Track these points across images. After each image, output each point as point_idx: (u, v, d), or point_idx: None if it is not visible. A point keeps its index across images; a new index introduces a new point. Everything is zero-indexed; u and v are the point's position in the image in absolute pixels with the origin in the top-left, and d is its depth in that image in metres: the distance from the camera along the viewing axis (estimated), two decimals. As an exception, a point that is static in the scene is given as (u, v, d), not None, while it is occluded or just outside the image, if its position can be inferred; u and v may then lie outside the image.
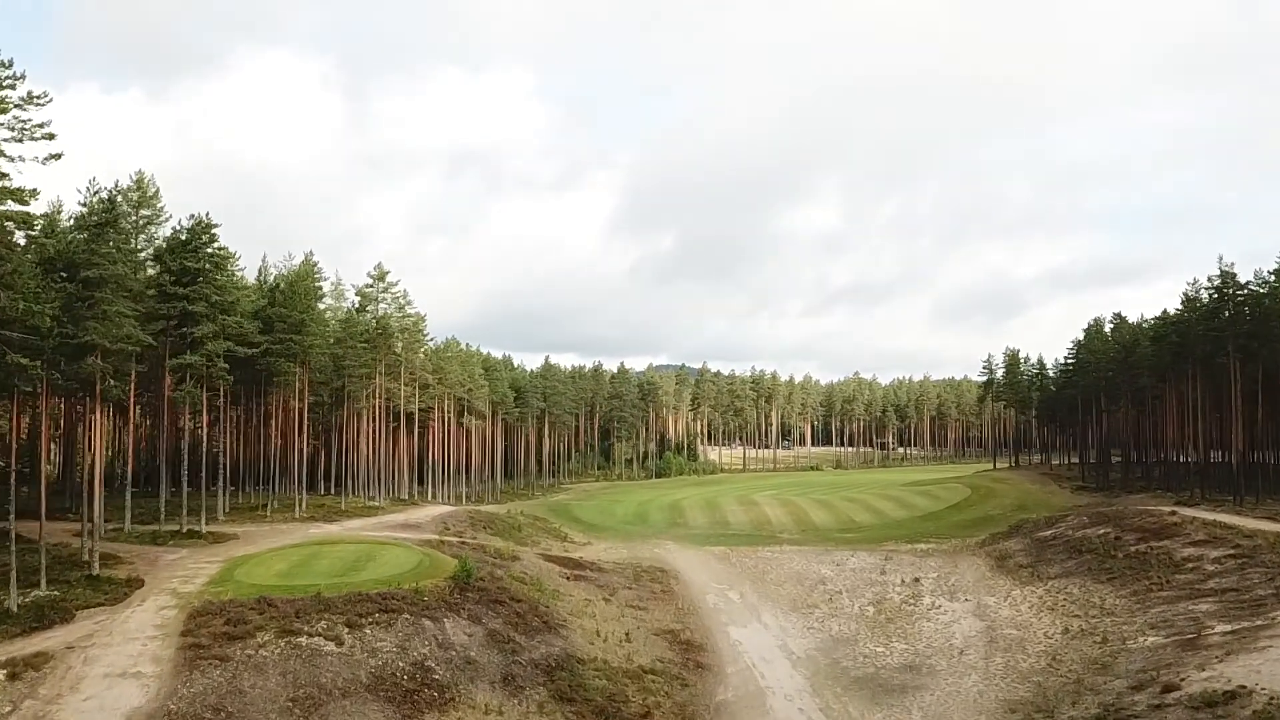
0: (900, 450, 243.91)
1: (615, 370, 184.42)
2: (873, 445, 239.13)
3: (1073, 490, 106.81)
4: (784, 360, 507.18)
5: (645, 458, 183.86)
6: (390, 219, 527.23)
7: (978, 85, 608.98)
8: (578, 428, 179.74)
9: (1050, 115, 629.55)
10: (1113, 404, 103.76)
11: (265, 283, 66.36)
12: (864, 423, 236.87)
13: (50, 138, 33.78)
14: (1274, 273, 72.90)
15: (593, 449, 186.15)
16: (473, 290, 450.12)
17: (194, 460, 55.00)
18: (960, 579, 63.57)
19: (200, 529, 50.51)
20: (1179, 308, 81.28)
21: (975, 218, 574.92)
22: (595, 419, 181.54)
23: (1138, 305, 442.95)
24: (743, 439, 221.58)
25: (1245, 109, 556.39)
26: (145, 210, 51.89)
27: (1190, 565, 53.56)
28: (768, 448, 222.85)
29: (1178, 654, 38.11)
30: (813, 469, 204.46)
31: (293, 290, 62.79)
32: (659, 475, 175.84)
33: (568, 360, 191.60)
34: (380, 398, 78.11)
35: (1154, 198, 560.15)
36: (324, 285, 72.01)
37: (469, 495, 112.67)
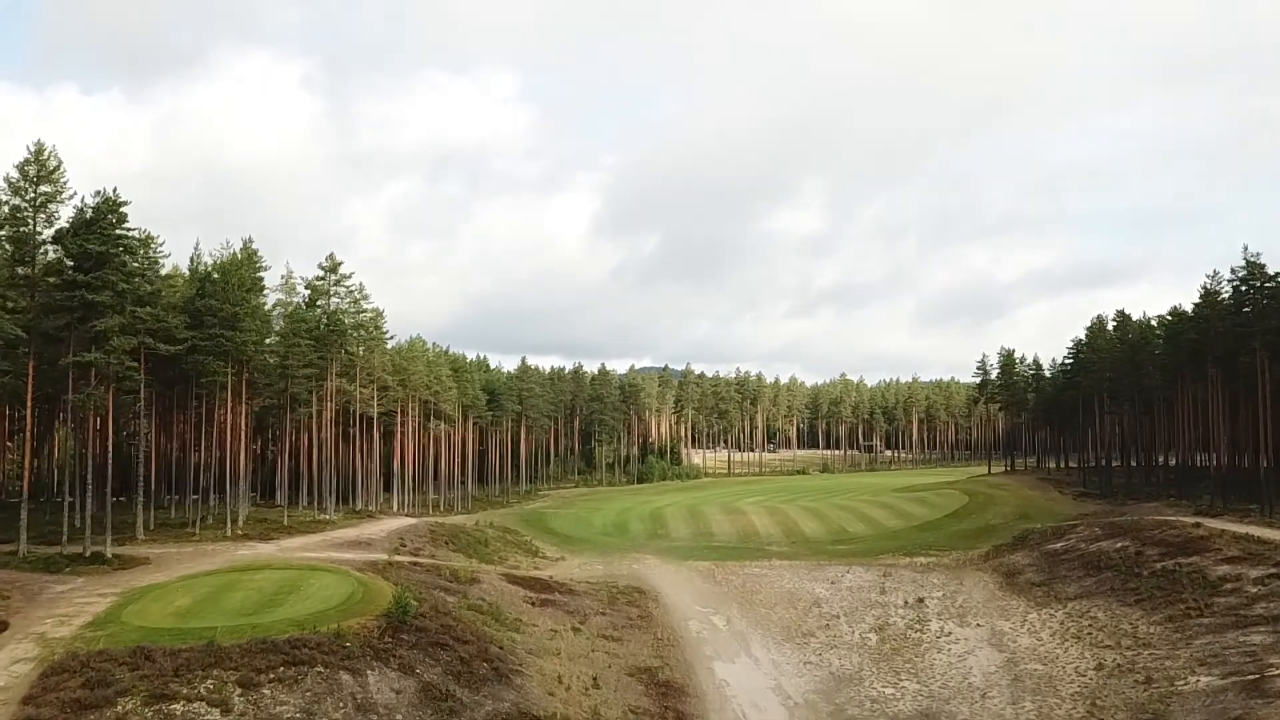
0: (888, 453, 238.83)
1: (596, 372, 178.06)
2: (860, 448, 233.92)
3: (1075, 497, 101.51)
4: (768, 362, 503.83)
5: (627, 462, 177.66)
6: (374, 221, 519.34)
7: (962, 88, 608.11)
8: (557, 431, 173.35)
9: (1033, 118, 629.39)
10: (1117, 406, 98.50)
11: (199, 272, 59.51)
12: (851, 425, 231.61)
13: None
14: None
15: (573, 453, 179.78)
16: (456, 293, 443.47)
17: (100, 470, 48.36)
18: (968, 599, 57.76)
19: (106, 552, 43.93)
20: (1196, 302, 75.94)
21: (959, 220, 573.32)
22: (576, 422, 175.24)
23: (1119, 306, 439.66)
24: (727, 442, 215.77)
25: (1226, 112, 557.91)
26: (45, 186, 45.23)
27: (1229, 586, 47.88)
28: (753, 451, 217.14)
29: (1244, 701, 32.33)
30: (799, 473, 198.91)
31: (225, 280, 56.09)
32: (641, 480, 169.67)
33: (552, 363, 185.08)
34: (332, 400, 71.56)
35: (1135, 200, 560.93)
36: (266, 276, 65.43)
37: (440, 504, 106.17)
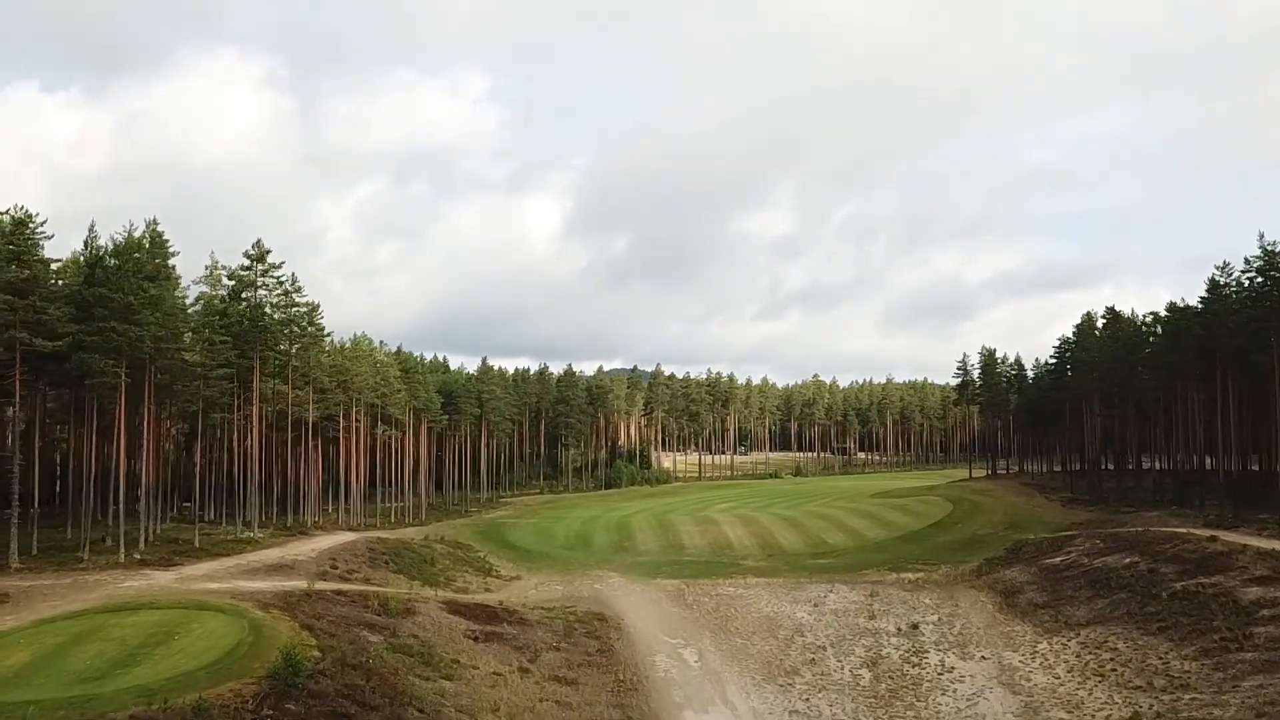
0: (861, 455, 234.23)
1: (561, 373, 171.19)
2: (833, 450, 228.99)
3: (1064, 504, 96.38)
4: (738, 364, 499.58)
5: (595, 466, 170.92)
6: (342, 221, 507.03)
7: (930, 91, 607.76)
8: (522, 436, 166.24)
9: (1001, 121, 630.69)
10: (1109, 408, 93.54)
11: (95, 257, 52.02)
12: (824, 427, 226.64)
13: None
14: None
15: (539, 458, 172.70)
16: (425, 295, 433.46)
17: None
18: (967, 624, 51.88)
19: (-48, 588, 36.75)
20: (1203, 295, 70.80)
21: (927, 222, 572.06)
22: (541, 426, 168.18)
23: (1085, 308, 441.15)
24: (698, 445, 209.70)
25: (1187, 117, 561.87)
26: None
27: (1266, 613, 42.25)
28: (724, 453, 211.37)
29: (1332, 772, 26.49)
30: (771, 476, 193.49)
31: (120, 267, 48.61)
32: (609, 486, 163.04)
33: (521, 365, 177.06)
34: (259, 404, 64.21)
35: (1099, 203, 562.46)
36: (177, 263, 57.88)
37: (392, 515, 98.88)
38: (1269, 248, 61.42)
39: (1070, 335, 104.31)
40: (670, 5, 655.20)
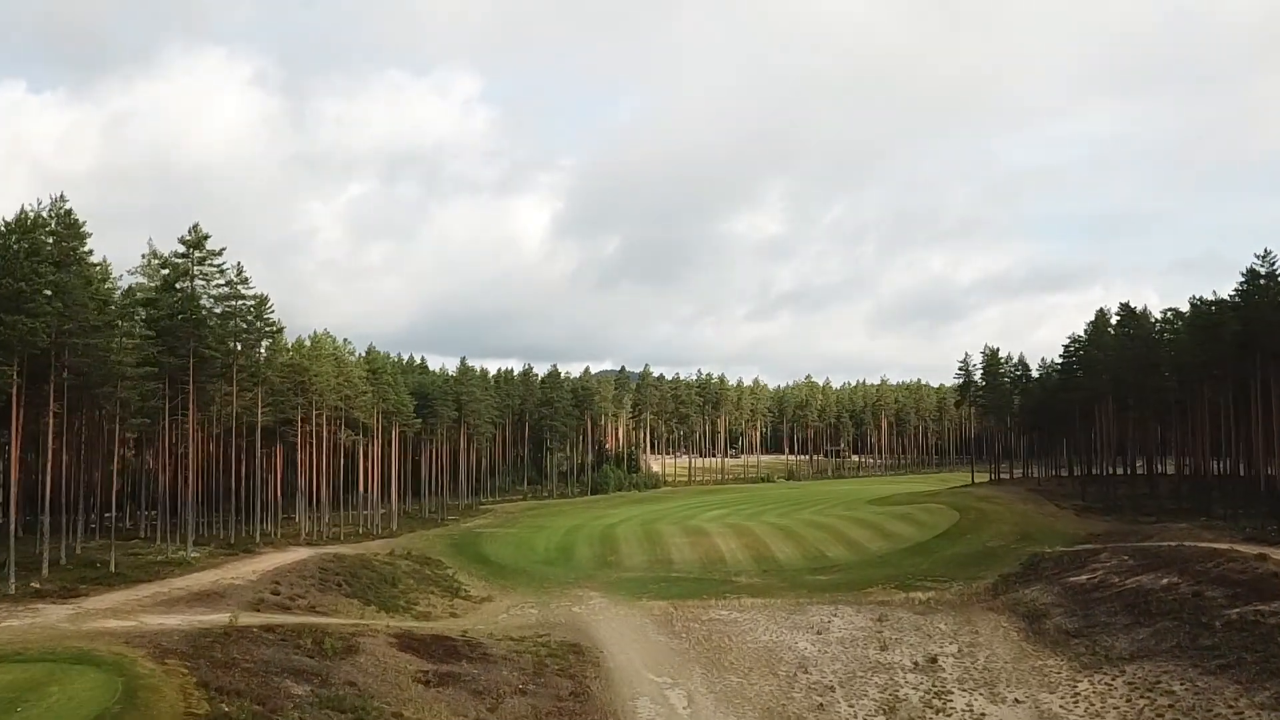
0: (855, 458, 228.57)
1: (545, 374, 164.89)
2: (826, 453, 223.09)
3: (1076, 513, 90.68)
4: (728, 365, 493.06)
5: (581, 471, 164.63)
6: (333, 223, 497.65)
7: (920, 93, 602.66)
8: (505, 439, 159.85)
9: (991, 123, 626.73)
10: (1123, 409, 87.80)
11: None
12: (817, 429, 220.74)
13: None
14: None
15: (522, 462, 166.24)
16: (413, 296, 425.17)
17: None
18: (992, 657, 45.91)
19: None
20: (1240, 287, 64.99)
21: (917, 224, 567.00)
22: (525, 429, 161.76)
23: (1076, 310, 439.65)
24: (688, 447, 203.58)
25: (1174, 119, 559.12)
26: None
27: (1348, 650, 36.53)
28: (715, 456, 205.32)
29: None
30: (763, 480, 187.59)
31: (14, 248, 41.86)
32: (595, 491, 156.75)
33: (512, 367, 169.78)
34: (195, 408, 57.60)
35: (1087, 205, 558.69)
36: (108, 253, 51.44)
37: (361, 525, 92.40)
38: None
39: (1081, 333, 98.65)
40: (661, 5, 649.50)
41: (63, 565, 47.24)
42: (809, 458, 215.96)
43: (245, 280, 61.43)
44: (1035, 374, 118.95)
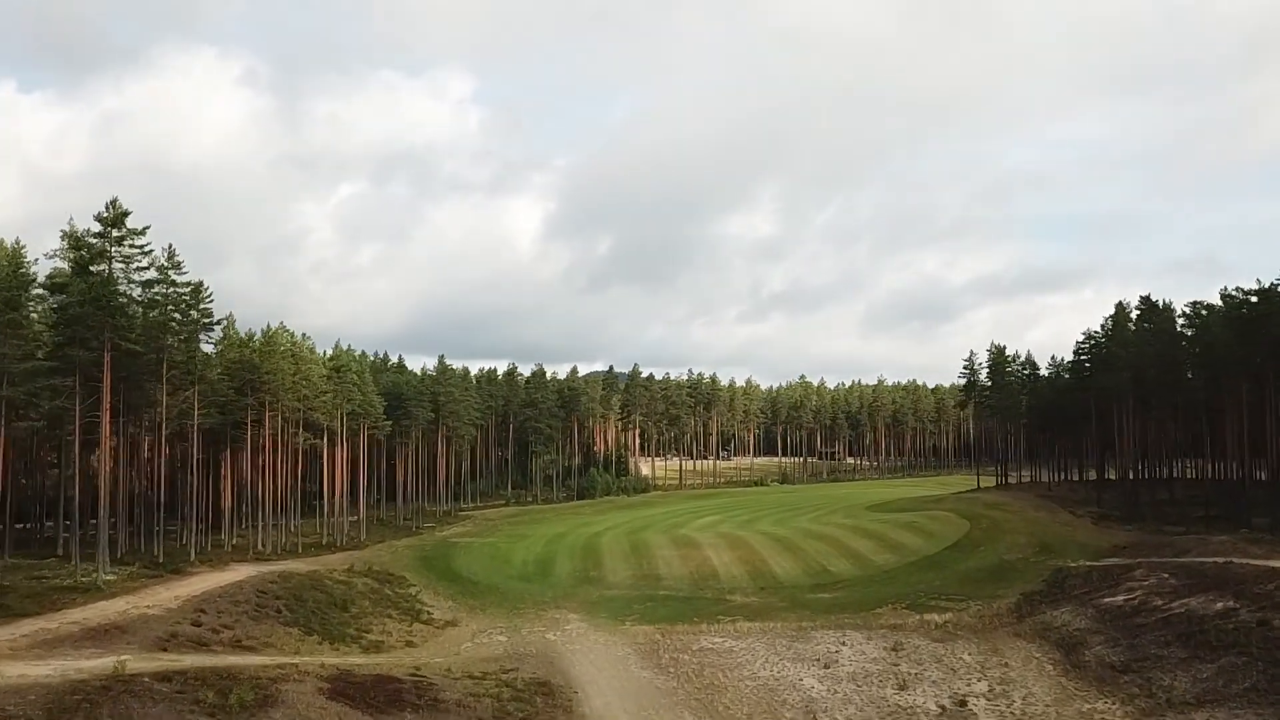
0: (850, 461, 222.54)
1: (529, 374, 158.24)
2: (820, 455, 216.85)
3: (1094, 521, 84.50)
4: (720, 366, 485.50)
5: (568, 475, 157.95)
6: (323, 223, 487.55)
7: (914, 94, 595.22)
8: (487, 442, 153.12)
9: (984, 125, 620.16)
10: (1147, 411, 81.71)
11: None
12: (811, 431, 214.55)
13: None
14: None
15: (507, 465, 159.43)
16: (404, 296, 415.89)
17: None
18: (1030, 697, 39.60)
19: None
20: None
21: (911, 225, 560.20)
22: (510, 431, 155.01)
23: (1069, 311, 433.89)
24: (679, 450, 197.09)
25: (1166, 121, 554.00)
26: None
27: None
28: (707, 459, 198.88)
29: None
30: (757, 484, 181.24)
31: None
32: (582, 496, 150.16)
33: (500, 368, 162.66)
34: (109, 409, 50.75)
35: (1080, 207, 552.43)
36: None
37: (329, 532, 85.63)
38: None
39: (1080, 335, 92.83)
40: (655, 6, 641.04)
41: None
42: (803, 460, 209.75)
43: (177, 265, 54.74)
44: (1044, 373, 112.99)
